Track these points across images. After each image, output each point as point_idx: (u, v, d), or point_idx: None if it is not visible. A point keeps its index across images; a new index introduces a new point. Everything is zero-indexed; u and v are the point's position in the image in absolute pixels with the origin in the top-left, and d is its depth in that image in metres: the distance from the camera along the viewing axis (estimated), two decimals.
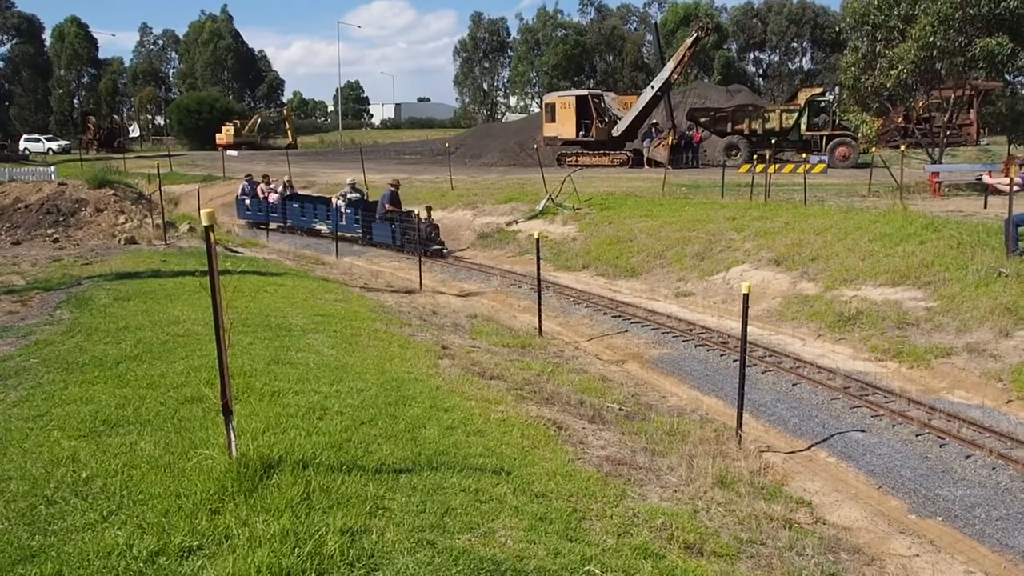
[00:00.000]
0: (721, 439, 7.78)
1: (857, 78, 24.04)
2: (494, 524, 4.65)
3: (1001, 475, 7.35)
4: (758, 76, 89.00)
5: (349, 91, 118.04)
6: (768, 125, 35.17)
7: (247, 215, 26.35)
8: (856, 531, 6.35)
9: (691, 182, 25.86)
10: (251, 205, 26.05)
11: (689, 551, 4.99)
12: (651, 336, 12.24)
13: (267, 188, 25.59)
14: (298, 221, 24.12)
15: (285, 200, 24.77)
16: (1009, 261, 11.86)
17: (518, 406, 7.41)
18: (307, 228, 23.94)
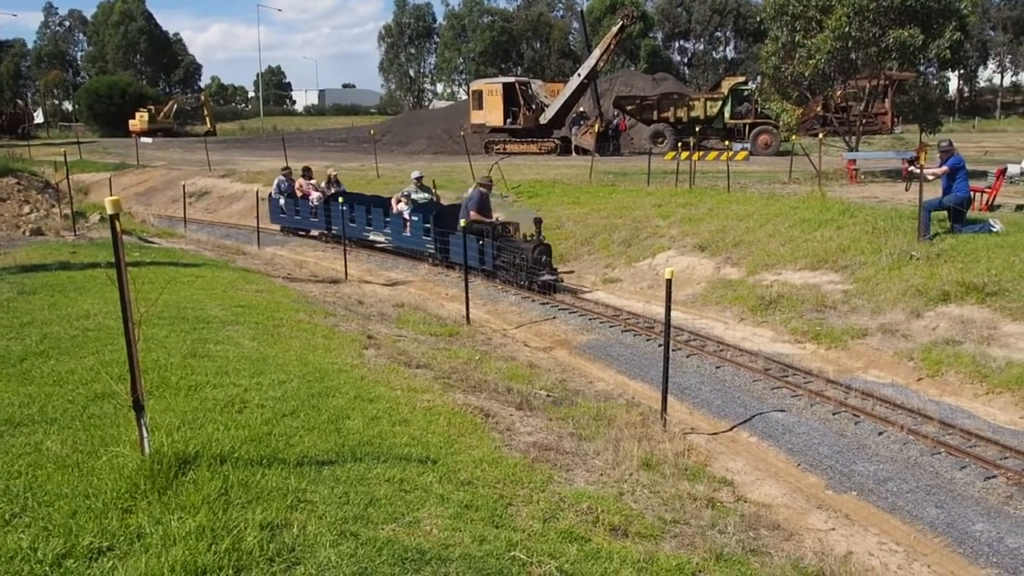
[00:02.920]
0: (647, 422, 7.87)
1: (777, 67, 24.56)
2: (419, 513, 4.61)
3: (911, 450, 7.62)
4: (683, 65, 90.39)
5: (270, 77, 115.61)
6: (693, 113, 35.73)
7: (281, 219, 21.52)
8: (776, 508, 6.52)
9: (618, 169, 26.10)
10: (286, 206, 21.06)
11: (614, 533, 5.03)
12: (579, 322, 12.32)
13: (306, 184, 20.62)
14: (346, 228, 18.15)
15: (329, 200, 19.62)
16: (920, 245, 12.30)
17: (445, 394, 7.36)
18: (357, 238, 18.82)
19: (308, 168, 21.32)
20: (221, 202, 27.19)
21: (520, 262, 14.13)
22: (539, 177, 23.66)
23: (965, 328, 9.96)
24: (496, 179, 21.60)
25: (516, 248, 14.46)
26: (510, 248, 14.55)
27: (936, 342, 9.94)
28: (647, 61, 76.89)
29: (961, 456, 7.40)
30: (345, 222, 17.70)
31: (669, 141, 34.04)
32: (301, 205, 20.37)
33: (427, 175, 19.92)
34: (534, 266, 13.91)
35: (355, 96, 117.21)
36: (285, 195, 21.00)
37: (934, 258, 11.75)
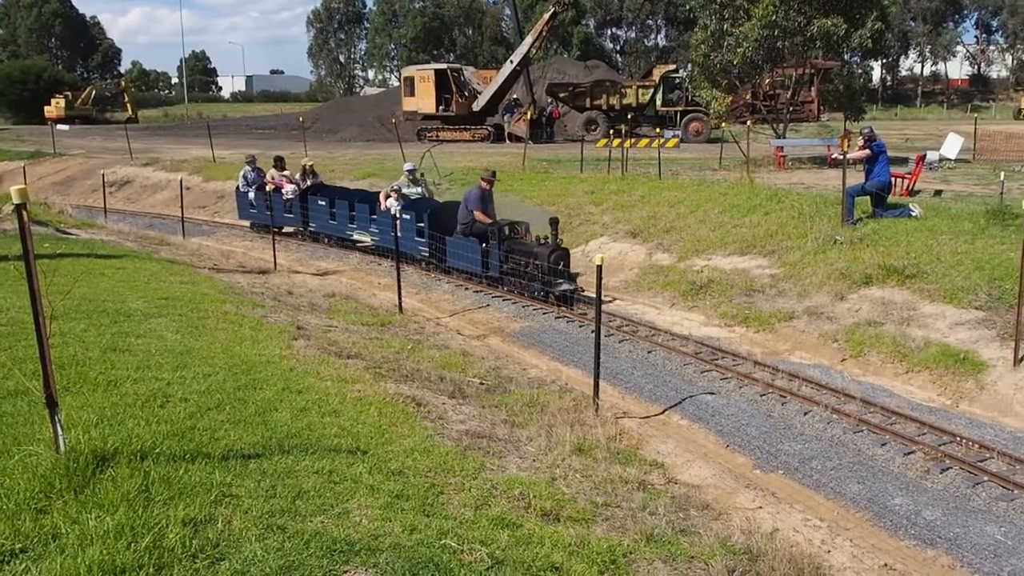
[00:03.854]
0: (580, 408, 7.93)
1: (707, 56, 24.91)
2: (348, 504, 4.56)
3: (835, 428, 7.85)
4: (616, 52, 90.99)
5: (195, 62, 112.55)
6: (625, 101, 36.03)
7: (251, 215, 19.44)
8: (705, 488, 6.64)
9: (551, 157, 26.17)
10: (256, 201, 18.87)
11: (546, 518, 5.05)
12: (512, 310, 12.33)
13: (279, 175, 18.57)
14: (325, 226, 17.06)
15: (307, 194, 17.88)
16: (844, 229, 12.64)
17: (376, 384, 7.29)
18: (340, 238, 17.16)
19: (280, 158, 19.21)
20: (144, 191, 26.39)
21: (533, 270, 12.40)
22: (472, 164, 23.56)
23: (886, 310, 10.27)
24: (428, 166, 21.45)
25: (527, 253, 12.64)
26: (520, 253, 12.73)
27: (859, 324, 10.23)
28: (580, 49, 77.18)
29: (882, 433, 7.65)
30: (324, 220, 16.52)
31: (602, 128, 34.27)
32: (274, 200, 17.92)
33: (360, 162, 19.05)
34: (550, 274, 12.24)
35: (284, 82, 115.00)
36: (255, 187, 18.82)
37: (857, 242, 12.08)
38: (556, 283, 12.14)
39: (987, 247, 10.89)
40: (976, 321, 9.46)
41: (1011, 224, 11.05)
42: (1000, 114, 60.73)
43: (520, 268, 12.66)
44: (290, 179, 18.40)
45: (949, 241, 11.34)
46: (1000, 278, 9.85)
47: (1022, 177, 19.06)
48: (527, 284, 12.56)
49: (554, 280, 12.19)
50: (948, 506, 6.39)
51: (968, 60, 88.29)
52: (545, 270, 12.21)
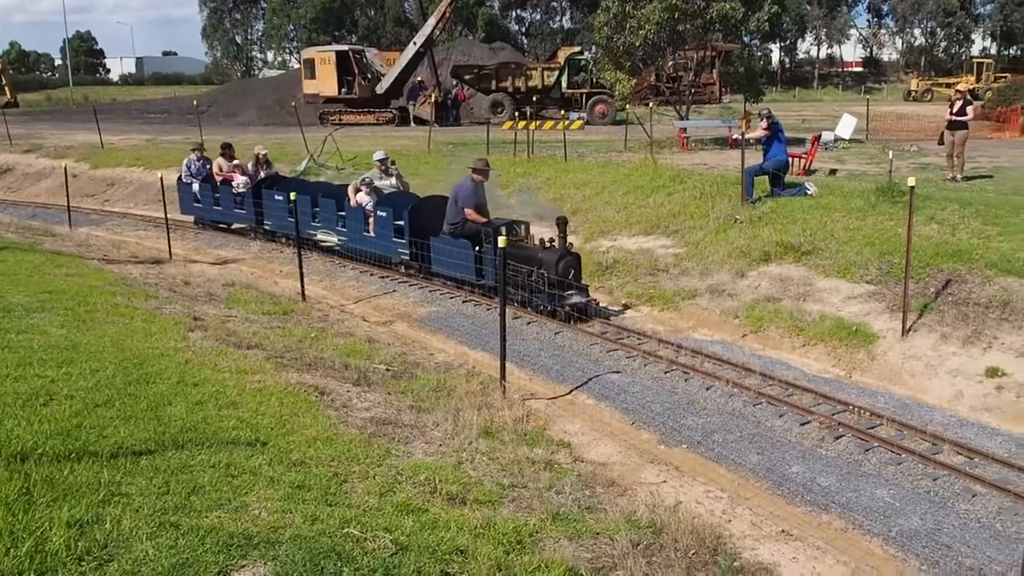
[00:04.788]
0: (487, 391, 7.92)
1: (610, 38, 25.11)
2: (247, 498, 4.44)
3: (736, 402, 8.06)
4: (521, 34, 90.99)
5: (79, 43, 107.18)
6: (531, 83, 36.12)
7: (196, 209, 17.20)
8: (611, 465, 6.72)
9: (457, 139, 26.03)
10: (203, 194, 16.81)
11: (452, 501, 5.03)
12: (419, 295, 12.21)
13: (228, 166, 16.59)
14: (283, 224, 14.78)
15: (260, 188, 15.66)
16: (744, 208, 12.98)
17: (277, 374, 7.12)
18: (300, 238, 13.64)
19: (228, 145, 17.16)
20: (26, 180, 24.96)
21: (538, 279, 10.72)
22: (377, 148, 23.20)
23: (784, 286, 10.60)
24: (330, 150, 21.01)
25: (530, 259, 10.89)
26: (522, 259, 10.94)
27: (759, 300, 10.52)
28: (484, 31, 76.89)
29: (780, 405, 7.89)
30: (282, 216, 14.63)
31: (508, 111, 34.27)
32: (222, 193, 16.22)
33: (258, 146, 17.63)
34: (559, 284, 10.60)
35: (177, 64, 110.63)
36: (200, 178, 16.84)
37: (756, 221, 12.42)
38: (565, 295, 10.51)
39: (877, 223, 11.36)
40: (867, 295, 9.86)
41: (899, 201, 11.54)
42: (891, 95, 63.44)
43: (522, 277, 10.91)
44: (242, 169, 16.40)
45: (842, 218, 11.78)
46: (889, 253, 10.29)
47: (911, 156, 19.97)
48: (530, 296, 10.89)
49: (564, 290, 10.53)
50: (841, 472, 6.64)
51: (861, 43, 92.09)
52: (552, 279, 10.60)
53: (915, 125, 26.67)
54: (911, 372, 8.59)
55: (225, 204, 16.26)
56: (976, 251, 9.85)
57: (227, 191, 16.18)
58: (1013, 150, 21.15)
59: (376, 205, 13.09)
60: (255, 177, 16.12)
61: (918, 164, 18.13)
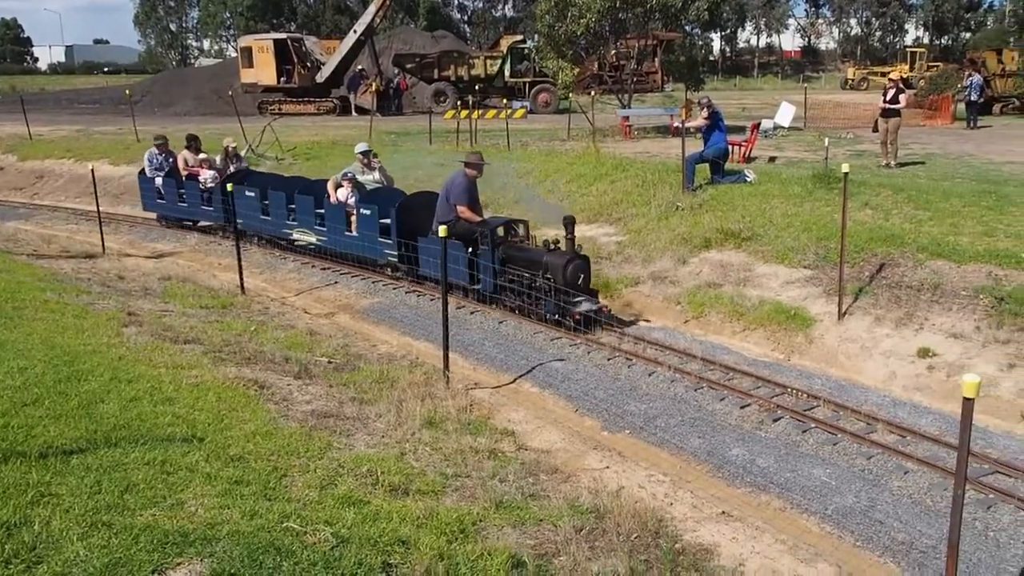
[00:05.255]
0: (430, 381, 7.88)
1: (552, 26, 25.10)
2: (183, 495, 4.36)
3: (678, 387, 8.16)
4: (463, 22, 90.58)
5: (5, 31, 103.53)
6: (474, 72, 35.94)
7: (159, 206, 16.12)
8: (555, 453, 6.75)
9: (400, 129, 25.82)
10: (166, 189, 15.73)
11: (394, 493, 5.00)
12: (362, 286, 12.08)
13: (194, 159, 15.66)
14: (256, 223, 13.99)
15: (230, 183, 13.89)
16: (685, 196, 13.12)
17: (215, 369, 6.97)
18: (273, 235, 14.15)
19: (195, 137, 16.24)
20: None
21: (544, 283, 9.87)
22: (317, 138, 22.91)
23: (724, 272, 10.75)
24: (269, 140, 20.64)
25: (533, 262, 10.08)
26: (523, 262, 10.19)
27: (700, 286, 10.66)
28: (426, 19, 76.36)
29: (720, 389, 8.01)
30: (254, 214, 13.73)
31: (450, 100, 34.10)
32: (188, 188, 15.18)
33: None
34: (566, 290, 9.74)
35: (110, 53, 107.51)
36: (164, 173, 15.79)
37: (697, 208, 12.56)
38: (574, 302, 9.73)
39: (814, 209, 11.59)
40: (805, 279, 10.06)
41: (835, 187, 11.78)
42: (829, 84, 64.82)
43: (523, 281, 10.09)
44: (209, 163, 15.37)
45: (780, 205, 11.99)
46: (826, 238, 10.50)
47: (847, 143, 20.42)
48: (533, 303, 10.02)
49: (571, 298, 9.73)
50: (780, 453, 6.78)
51: (800, 33, 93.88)
52: (562, 285, 9.76)
53: (851, 113, 27.28)
54: (847, 354, 8.80)
55: (191, 200, 15.26)
56: (908, 236, 10.12)
57: (193, 186, 15.24)
58: (944, 137, 21.78)
59: (359, 202, 12.29)
60: (224, 171, 15.17)
61: (854, 151, 18.54)
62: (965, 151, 18.43)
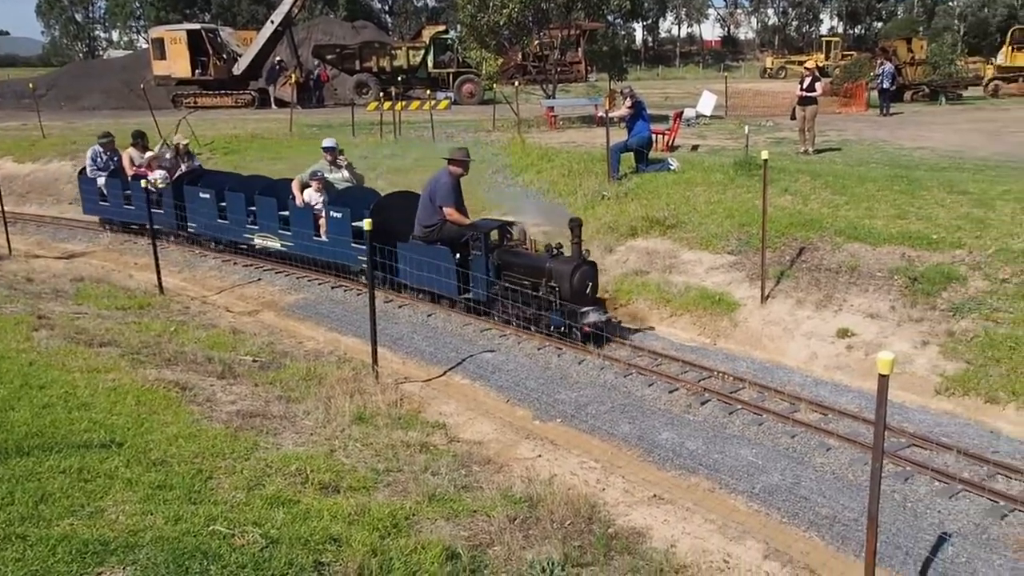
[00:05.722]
0: (359, 377, 7.77)
1: (474, 16, 24.97)
2: (102, 502, 4.21)
3: (607, 374, 8.23)
4: (384, 13, 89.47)
5: None
6: (396, 63, 35.58)
7: (102, 209, 14.88)
8: (487, 443, 6.73)
9: (322, 122, 25.40)
10: (110, 191, 14.38)
11: (325, 491, 4.91)
12: (286, 282, 11.84)
13: (140, 157, 14.35)
14: (212, 227, 13.11)
15: (182, 184, 13.60)
16: (611, 185, 13.23)
17: (133, 372, 6.74)
18: (234, 242, 13.06)
19: (141, 133, 14.92)
20: None
21: (547, 292, 9.04)
22: (236, 132, 22.34)
23: (651, 259, 10.88)
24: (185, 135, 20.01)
25: (535, 269, 9.23)
26: (523, 269, 9.36)
27: (627, 273, 10.76)
28: (346, 9, 75.03)
29: (649, 375, 8.11)
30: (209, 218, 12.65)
31: (373, 91, 33.67)
32: (135, 190, 13.63)
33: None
34: (572, 300, 8.90)
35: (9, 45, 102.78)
36: (107, 174, 14.48)
37: (623, 196, 12.68)
38: (582, 313, 8.88)
39: (736, 196, 11.82)
40: (729, 265, 10.26)
41: (755, 174, 12.03)
42: (748, 73, 66.12)
43: (522, 290, 9.26)
44: (159, 162, 14.08)
45: (704, 192, 12.19)
46: (748, 224, 10.73)
47: (767, 131, 20.91)
48: (536, 313, 9.20)
49: (579, 309, 8.88)
50: (708, 435, 6.90)
51: (719, 22, 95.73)
52: (567, 295, 8.93)
53: (771, 101, 27.92)
54: (770, 336, 9.01)
55: (139, 203, 13.55)
56: (826, 220, 10.41)
57: (141, 187, 13.16)
58: (858, 124, 22.50)
59: (329, 204, 11.37)
60: (175, 171, 13.99)
61: (773, 138, 19.00)
62: (879, 137, 19.08)
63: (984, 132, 20.18)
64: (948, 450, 6.36)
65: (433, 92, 31.21)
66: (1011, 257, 8.72)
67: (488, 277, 9.53)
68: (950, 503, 5.70)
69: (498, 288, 9.52)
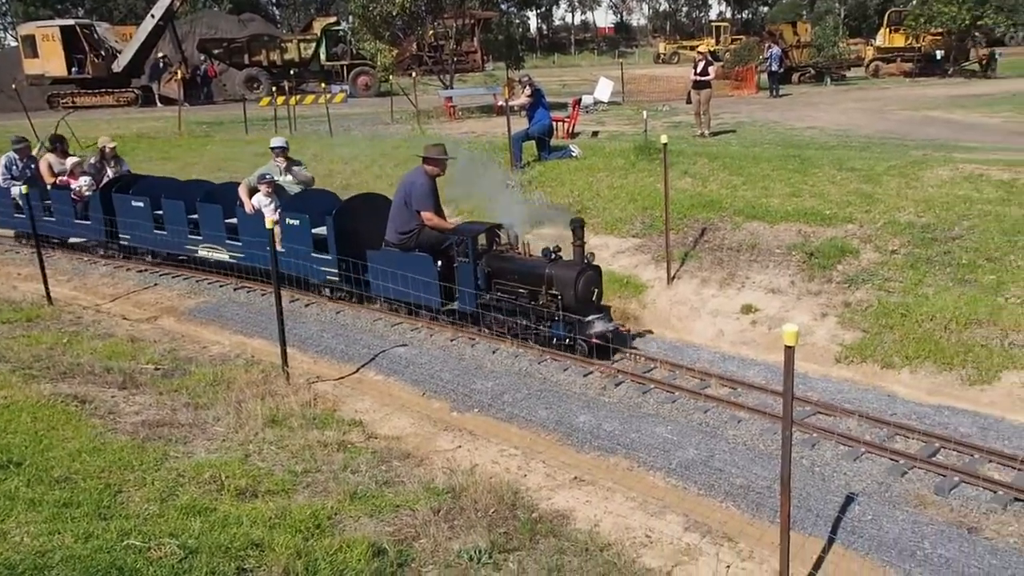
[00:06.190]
0: (269, 379, 7.58)
1: (366, 7, 24.67)
2: (5, 525, 4.00)
3: (522, 362, 8.25)
4: (271, 5, 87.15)
5: None
6: (287, 56, 34.84)
7: (17, 221, 13.31)
8: (406, 438, 6.67)
9: (213, 119, 24.65)
10: (26, 201, 11.65)
11: (242, 496, 4.78)
12: (185, 286, 11.41)
13: (61, 164, 13.03)
14: (148, 239, 11.98)
15: (109, 191, 12.23)
16: (514, 173, 13.27)
17: (27, 387, 6.40)
18: (173, 255, 12.01)
19: (61, 138, 13.66)
20: None
21: (547, 301, 8.22)
22: (119, 132, 21.41)
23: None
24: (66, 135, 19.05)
25: (532, 275, 8.39)
26: (519, 275, 8.51)
27: None
28: (231, 1, 72.75)
29: (563, 360, 8.17)
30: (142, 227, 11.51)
31: (264, 86, 32.86)
32: (57, 199, 12.57)
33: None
34: (577, 309, 8.11)
35: None
36: (23, 182, 12.58)
37: (527, 184, 12.75)
38: (587, 323, 8.11)
39: (638, 180, 12.04)
40: (635, 248, 10.45)
41: (655, 158, 12.28)
42: (643, 59, 67.46)
43: (517, 298, 8.46)
44: (83, 169, 12.72)
45: (606, 177, 12.38)
46: (651, 207, 10.94)
47: (664, 115, 21.38)
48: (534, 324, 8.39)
49: (583, 318, 8.09)
50: (624, 416, 7.01)
51: (612, 9, 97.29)
52: (571, 303, 8.10)
53: (666, 86, 28.59)
54: (678, 316, 9.23)
55: (61, 213, 12.63)
56: (726, 200, 10.72)
57: (63, 196, 12.62)
58: (751, 106, 23.27)
59: (283, 210, 10.38)
60: (101, 177, 12.74)
61: (671, 123, 19.46)
62: (770, 119, 19.78)
63: (868, 111, 21.20)
64: (851, 415, 6.67)
65: (328, 85, 30.60)
66: (899, 229, 9.18)
67: (477, 286, 8.70)
68: (855, 465, 5.97)
69: (488, 298, 8.68)
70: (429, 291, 8.88)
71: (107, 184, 12.50)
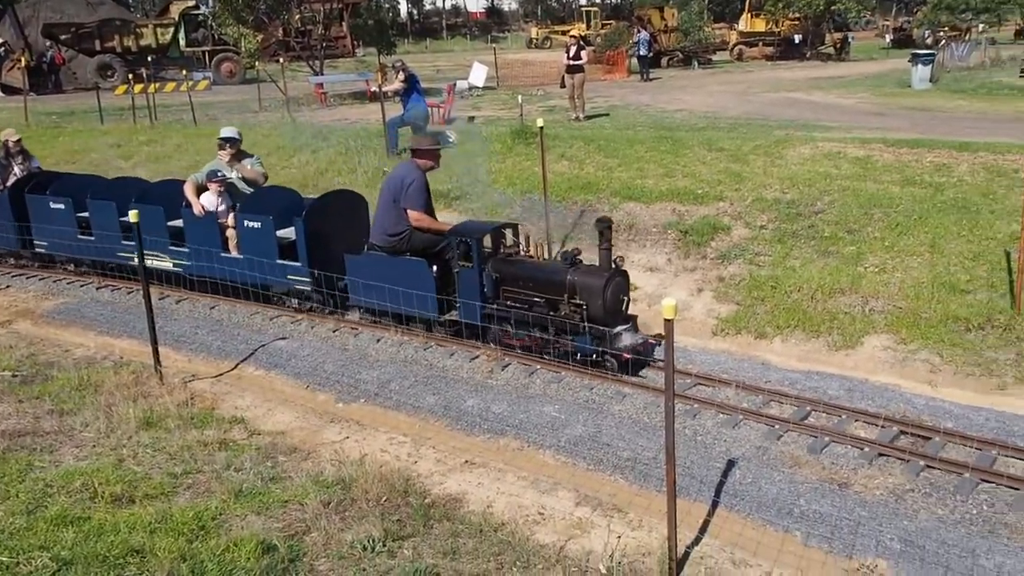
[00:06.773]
0: (141, 380, 7.25)
1: None
2: None
3: (407, 349, 8.17)
4: None
5: None
6: (143, 42, 33.17)
7: None
8: (291, 432, 6.49)
9: (63, 109, 23.21)
10: None
11: (118, 503, 4.55)
12: (41, 287, 10.71)
13: None
14: (70, 246, 10.61)
15: (23, 191, 10.90)
16: (390, 160, 13.11)
17: None
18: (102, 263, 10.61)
19: None
20: None
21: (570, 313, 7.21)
22: None
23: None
24: None
25: (549, 282, 7.40)
26: (533, 282, 7.49)
27: None
28: None
29: (449, 345, 8.13)
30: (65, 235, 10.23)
31: (120, 73, 31.16)
32: None
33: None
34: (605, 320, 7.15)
35: None
36: None
37: None
38: (615, 335, 7.17)
39: (516, 164, 12.12)
40: None
41: (532, 142, 12.39)
42: (515, 44, 67.75)
43: (531, 308, 7.45)
44: None
45: (484, 162, 12.38)
46: (530, 190, 11.03)
47: (538, 100, 21.57)
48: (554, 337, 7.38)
49: (610, 331, 7.14)
50: (512, 398, 7.05)
51: None
52: (598, 314, 7.14)
53: (539, 71, 28.83)
54: None
55: None
56: (602, 182, 10.93)
57: None
58: (623, 90, 23.79)
59: (239, 212, 9.16)
60: (7, 175, 11.34)
61: (546, 107, 19.66)
62: (642, 102, 20.29)
63: (733, 93, 22.07)
64: (728, 384, 6.94)
65: (189, 72, 29.32)
66: (766, 205, 9.60)
67: (484, 294, 7.71)
68: (734, 432, 6.22)
69: (496, 307, 7.69)
70: (424, 299, 7.93)
71: (16, 183, 11.13)
